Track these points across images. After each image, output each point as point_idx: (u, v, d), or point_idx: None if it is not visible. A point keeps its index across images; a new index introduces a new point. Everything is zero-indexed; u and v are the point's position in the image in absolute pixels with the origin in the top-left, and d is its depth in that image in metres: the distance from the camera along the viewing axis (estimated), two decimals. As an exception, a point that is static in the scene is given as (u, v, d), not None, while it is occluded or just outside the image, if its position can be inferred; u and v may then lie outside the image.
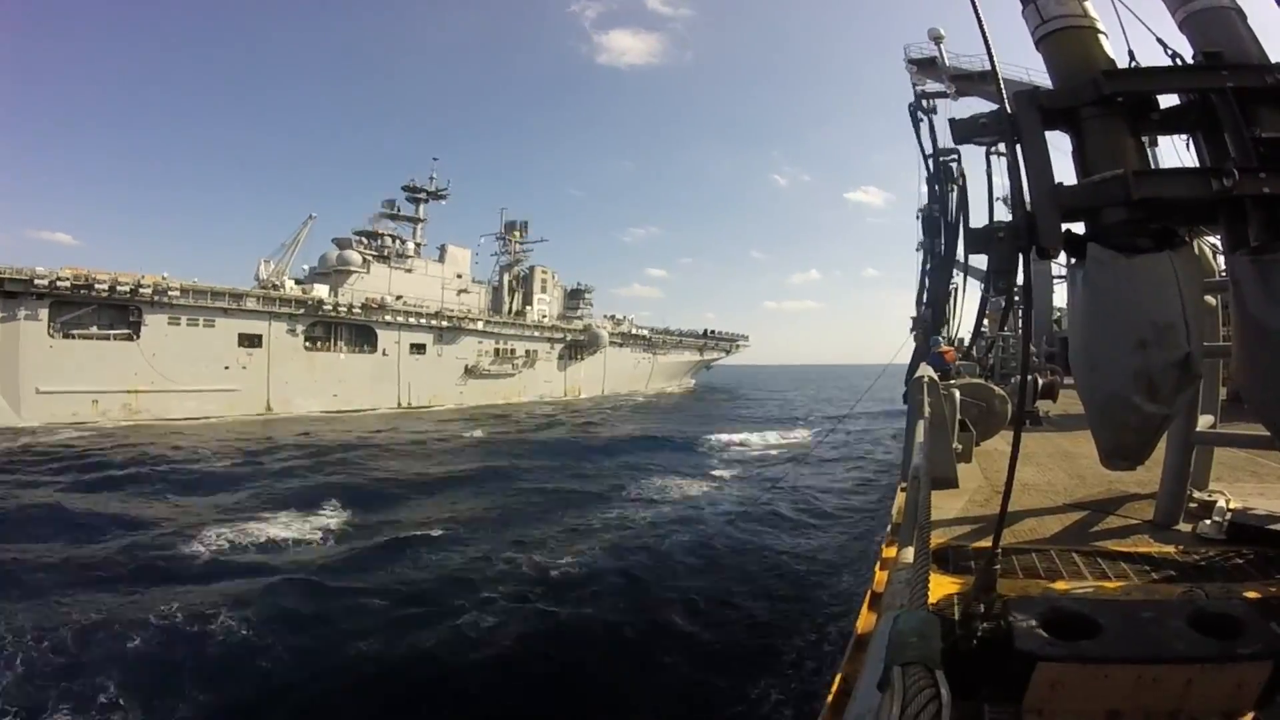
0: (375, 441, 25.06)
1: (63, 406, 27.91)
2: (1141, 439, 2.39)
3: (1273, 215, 2.10)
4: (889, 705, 1.24)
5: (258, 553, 10.77)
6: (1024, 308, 2.52)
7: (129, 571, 9.61)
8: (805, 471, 18.78)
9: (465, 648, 7.28)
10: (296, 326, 35.71)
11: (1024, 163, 2.26)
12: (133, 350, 30.04)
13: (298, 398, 35.24)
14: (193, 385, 31.55)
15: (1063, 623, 2.00)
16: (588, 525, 12.62)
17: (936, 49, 23.61)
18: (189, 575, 9.53)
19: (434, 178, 48.32)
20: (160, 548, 10.69)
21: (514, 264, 53.70)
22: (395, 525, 12.50)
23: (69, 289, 28.01)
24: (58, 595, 8.57)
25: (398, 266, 43.36)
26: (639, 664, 7.09)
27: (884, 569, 3.40)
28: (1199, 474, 4.33)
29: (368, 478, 17.45)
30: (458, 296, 46.44)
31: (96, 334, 29.45)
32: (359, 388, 38.13)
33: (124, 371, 29.72)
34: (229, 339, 33.08)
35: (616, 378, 57.02)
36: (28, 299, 27.22)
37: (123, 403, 29.77)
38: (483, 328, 45.50)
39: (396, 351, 40.28)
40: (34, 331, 27.46)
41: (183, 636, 7.38)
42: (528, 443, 25.89)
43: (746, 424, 33.33)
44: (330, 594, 8.71)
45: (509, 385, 47.22)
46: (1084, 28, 2.49)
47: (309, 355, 36.54)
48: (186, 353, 31.42)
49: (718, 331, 69.72)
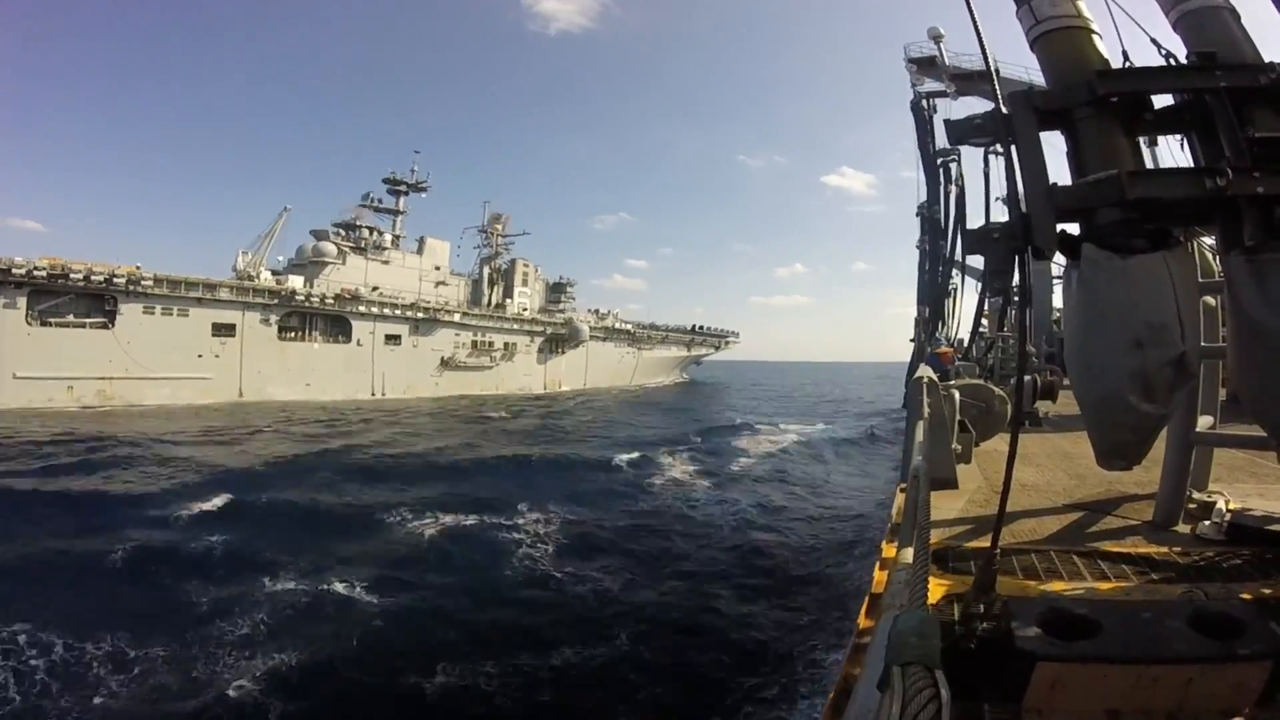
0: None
1: (39, 392, 28.67)
2: (1138, 439, 2.39)
3: (1267, 215, 2.10)
4: (889, 705, 1.24)
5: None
6: (1021, 308, 2.52)
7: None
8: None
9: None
10: (270, 316, 36.13)
11: (1019, 163, 2.27)
12: (108, 338, 30.66)
13: (270, 386, 35.76)
14: (167, 373, 32.13)
15: (1062, 623, 2.00)
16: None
17: (936, 48, 23.72)
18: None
19: (415, 170, 48.63)
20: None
21: (494, 257, 53.83)
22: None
23: (46, 278, 28.48)
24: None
25: (374, 258, 43.52)
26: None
27: (883, 569, 3.40)
28: (1198, 474, 4.32)
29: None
30: (436, 288, 46.68)
31: (73, 322, 29.95)
32: (332, 377, 38.56)
33: (99, 359, 30.36)
34: (202, 328, 33.63)
35: (599, 372, 57.32)
36: (6, 287, 27.72)
37: (97, 389, 30.40)
38: (460, 320, 45.71)
39: (371, 342, 40.66)
40: (12, 319, 28.09)
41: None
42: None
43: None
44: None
45: (486, 377, 47.54)
46: (1078, 28, 2.50)
47: (282, 345, 36.99)
48: (161, 341, 32.05)
49: (706, 327, 70.00)
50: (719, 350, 73.44)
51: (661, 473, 18.27)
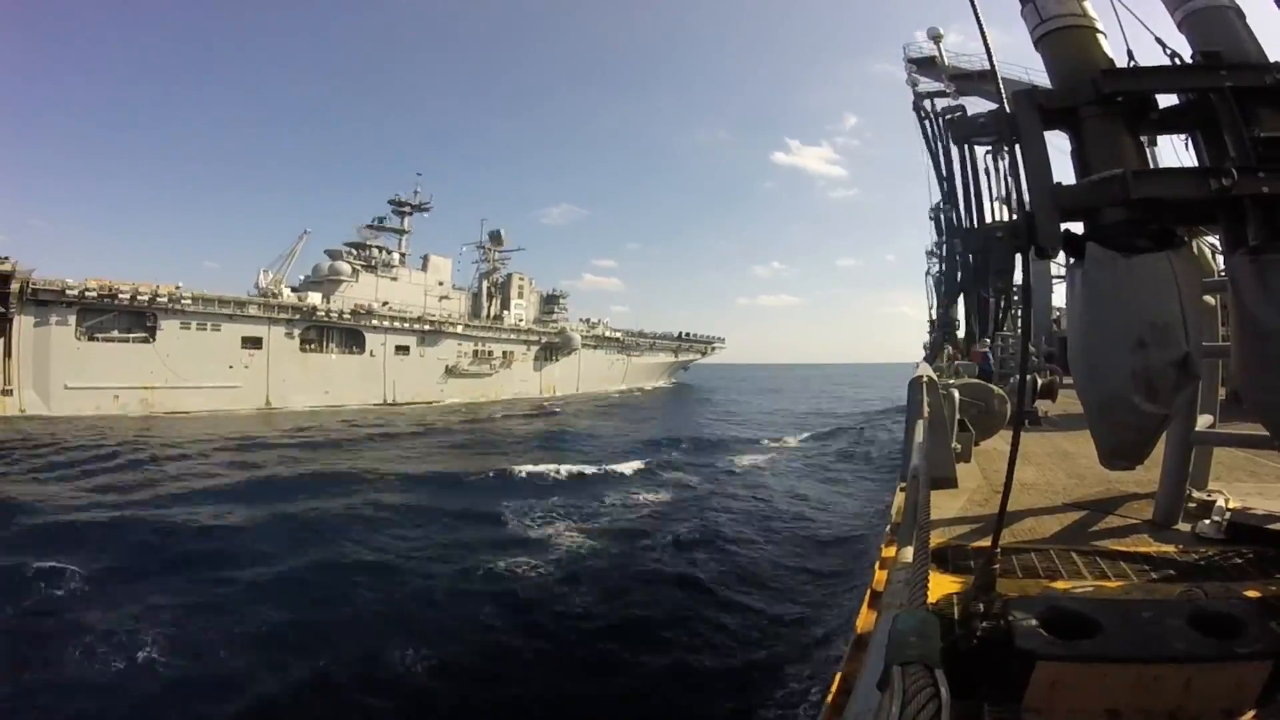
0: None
1: (88, 401, 31.23)
2: (1141, 439, 2.39)
3: (1271, 215, 2.10)
4: (889, 705, 1.24)
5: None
6: (1023, 308, 2.52)
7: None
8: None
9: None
10: (293, 330, 39.40)
11: (1023, 162, 2.26)
12: (149, 351, 33.68)
13: (293, 394, 38.61)
14: (201, 382, 35.02)
15: (1062, 622, 2.00)
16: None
17: (936, 48, 23.65)
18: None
19: (418, 191, 52.47)
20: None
21: (492, 271, 57.78)
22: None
23: (95, 298, 31.59)
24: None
25: (384, 275, 47.18)
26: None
27: (883, 568, 3.40)
28: (1198, 474, 4.33)
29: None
30: (439, 302, 50.24)
31: (117, 337, 33.04)
32: (348, 385, 41.69)
33: (142, 370, 33.31)
34: (233, 341, 36.70)
35: (590, 378, 60.83)
36: (58, 306, 30.73)
37: (140, 398, 33.23)
38: (462, 331, 49.29)
39: (383, 353, 43.98)
40: (63, 335, 31.05)
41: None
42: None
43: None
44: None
45: (487, 384, 50.62)
46: (1083, 27, 2.49)
47: (304, 356, 40.13)
48: (196, 353, 35.10)
49: (692, 334, 74.09)
50: (705, 356, 77.10)
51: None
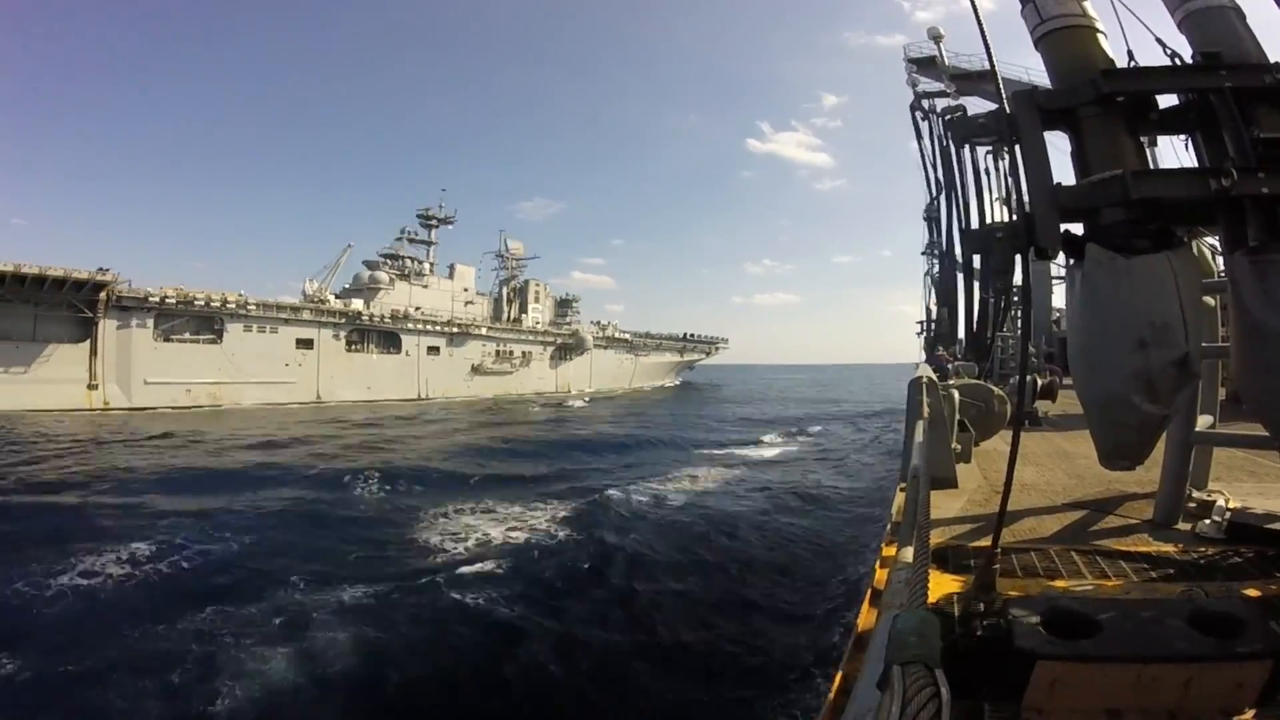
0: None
1: (164, 394, 36.05)
2: (1141, 439, 2.39)
3: (1271, 215, 2.10)
4: (888, 704, 1.24)
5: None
6: (1023, 308, 2.52)
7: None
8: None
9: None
10: (339, 333, 44.60)
11: (1023, 163, 2.26)
12: (216, 351, 38.53)
13: (340, 389, 43.83)
14: (261, 378, 39.99)
15: (1062, 621, 2.00)
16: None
17: (936, 48, 23.65)
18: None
19: (443, 205, 57.39)
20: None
21: (511, 278, 63.08)
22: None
23: (173, 304, 36.44)
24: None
25: (416, 283, 52.61)
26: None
27: (883, 568, 3.40)
28: (1198, 474, 4.33)
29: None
30: (465, 307, 55.41)
31: (189, 338, 37.79)
32: (387, 382, 46.78)
33: (210, 367, 38.05)
34: (289, 342, 41.80)
35: (602, 376, 65.71)
36: (139, 311, 35.31)
37: (209, 392, 37.99)
38: (486, 333, 54.47)
39: (416, 353, 49.01)
40: (143, 336, 35.68)
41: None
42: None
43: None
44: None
45: (508, 381, 55.53)
46: (1083, 27, 2.49)
47: (349, 356, 45.31)
48: (257, 353, 40.01)
49: (696, 335, 77.57)
50: (709, 355, 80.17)
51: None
